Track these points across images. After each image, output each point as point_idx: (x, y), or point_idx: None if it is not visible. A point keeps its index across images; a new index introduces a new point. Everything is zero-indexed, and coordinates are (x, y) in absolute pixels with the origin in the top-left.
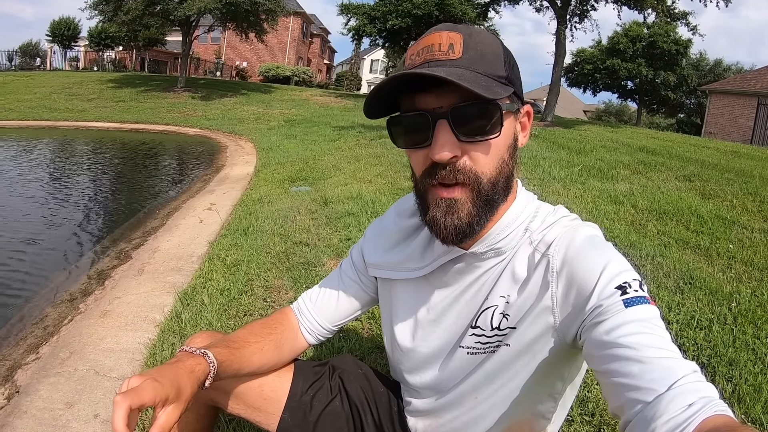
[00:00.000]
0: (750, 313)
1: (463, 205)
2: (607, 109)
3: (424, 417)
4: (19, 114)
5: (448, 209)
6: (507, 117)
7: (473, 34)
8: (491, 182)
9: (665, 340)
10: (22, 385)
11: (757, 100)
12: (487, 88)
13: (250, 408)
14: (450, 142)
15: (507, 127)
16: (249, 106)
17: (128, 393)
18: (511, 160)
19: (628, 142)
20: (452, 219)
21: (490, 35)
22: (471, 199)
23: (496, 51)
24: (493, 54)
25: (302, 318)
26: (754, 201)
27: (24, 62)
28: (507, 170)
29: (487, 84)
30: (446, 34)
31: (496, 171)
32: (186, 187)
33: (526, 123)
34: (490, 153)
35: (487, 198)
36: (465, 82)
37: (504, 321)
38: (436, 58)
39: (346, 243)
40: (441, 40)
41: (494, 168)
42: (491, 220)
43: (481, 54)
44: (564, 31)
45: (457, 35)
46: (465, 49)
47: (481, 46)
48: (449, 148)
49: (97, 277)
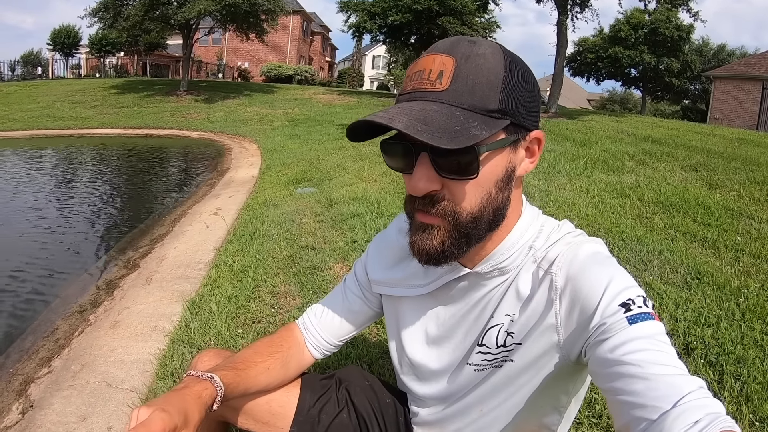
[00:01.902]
0: (758, 309)
1: (438, 232)
2: (611, 98)
3: (431, 427)
4: (23, 124)
5: (423, 233)
6: (494, 154)
7: (471, 57)
8: (471, 217)
9: (670, 357)
10: (36, 399)
11: (762, 84)
12: (459, 134)
13: (259, 423)
14: (427, 176)
15: (493, 164)
16: (252, 107)
17: (138, 428)
18: (503, 193)
19: (633, 131)
20: (424, 243)
21: (494, 57)
22: (447, 229)
23: (494, 78)
24: (488, 82)
25: (307, 334)
26: (762, 190)
27: (26, 72)
28: (495, 204)
29: (461, 127)
30: (440, 58)
31: (477, 207)
32: (192, 192)
33: (534, 150)
34: (470, 190)
35: (465, 232)
36: (424, 134)
37: (509, 338)
38: (422, 88)
39: (351, 246)
40: (433, 65)
41: (476, 204)
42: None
43: (472, 84)
44: (565, 21)
45: (450, 60)
46: (454, 78)
47: (474, 74)
48: (425, 183)
49: (106, 287)
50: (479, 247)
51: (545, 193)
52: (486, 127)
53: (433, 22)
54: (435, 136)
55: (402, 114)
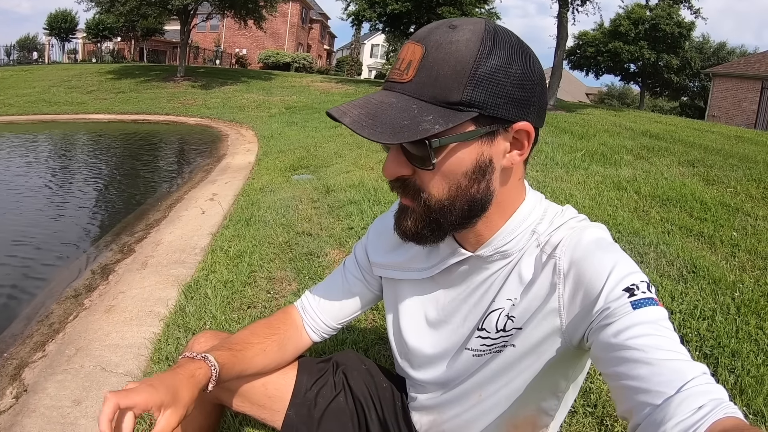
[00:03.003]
0: (753, 303)
1: (412, 214)
2: (609, 92)
3: (429, 412)
4: (19, 109)
5: (401, 214)
6: (461, 147)
7: (442, 46)
8: (440, 205)
9: (674, 342)
10: (30, 384)
11: (761, 83)
12: (401, 130)
13: (255, 406)
14: (397, 161)
15: (459, 156)
16: (249, 94)
17: (119, 392)
18: (477, 184)
19: (631, 126)
20: (401, 222)
21: (467, 42)
22: (419, 213)
23: (461, 69)
24: (453, 73)
25: (306, 316)
26: (758, 187)
27: (22, 56)
28: (468, 195)
29: (411, 122)
30: (412, 47)
31: (446, 196)
32: (188, 178)
33: (523, 141)
34: (436, 180)
35: (435, 218)
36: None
37: (509, 323)
38: (393, 78)
39: (348, 232)
40: (405, 55)
41: (443, 193)
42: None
43: (435, 76)
44: (566, 14)
45: (420, 50)
46: (419, 69)
47: (439, 64)
48: (394, 168)
49: (101, 271)
50: (472, 231)
51: (542, 184)
52: (442, 120)
53: (432, 11)
54: (377, 132)
55: (356, 107)
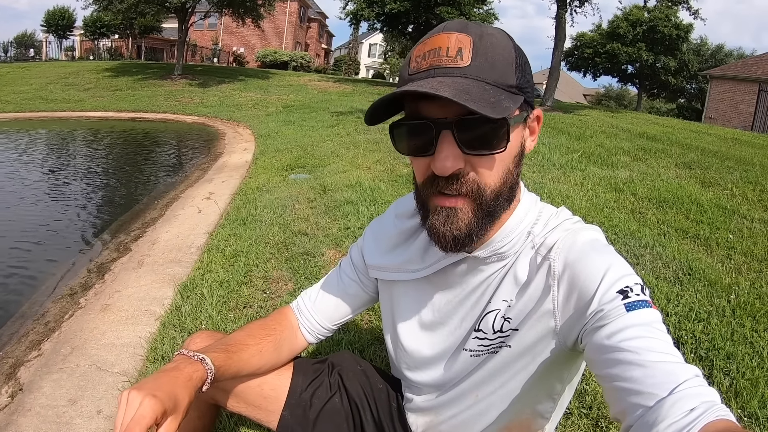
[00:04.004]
0: (749, 306)
1: (464, 215)
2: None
3: (425, 413)
4: (15, 106)
5: (447, 218)
6: (515, 129)
7: (484, 36)
8: (494, 193)
9: (667, 344)
10: (26, 383)
11: (759, 86)
12: (495, 105)
13: (251, 406)
14: (453, 154)
15: (515, 138)
16: (247, 93)
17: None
18: (517, 168)
19: (628, 127)
20: (451, 228)
21: (502, 37)
22: (472, 209)
23: (508, 57)
24: (504, 60)
25: (302, 317)
26: (755, 190)
27: (19, 53)
28: (512, 180)
29: (495, 99)
30: (455, 36)
31: (500, 182)
32: (184, 176)
33: (535, 127)
34: (495, 165)
35: (489, 209)
36: (471, 102)
37: (506, 324)
38: (442, 65)
39: (345, 232)
40: (449, 43)
41: (498, 179)
42: (493, 226)
43: (492, 61)
44: (564, 14)
45: (467, 38)
46: (474, 55)
47: (491, 52)
48: (452, 161)
49: (97, 270)
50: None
51: (539, 185)
52: (511, 101)
53: (431, 11)
54: (481, 105)
55: (441, 85)
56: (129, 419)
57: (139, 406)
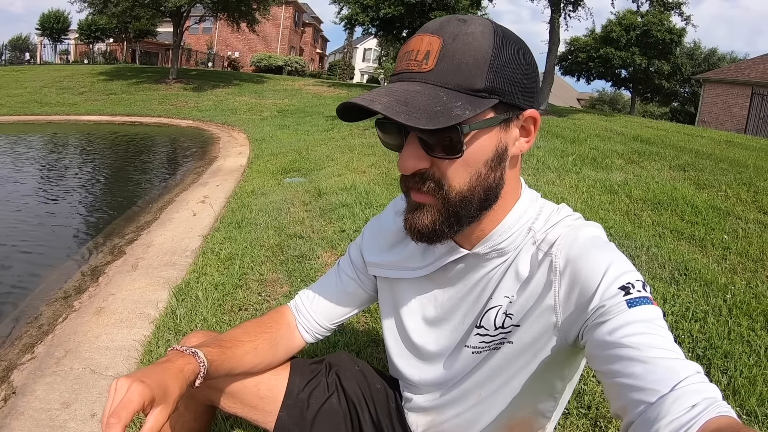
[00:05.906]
0: (745, 305)
1: (429, 211)
2: (600, 98)
3: (426, 413)
4: (10, 109)
5: (415, 211)
6: (483, 133)
7: (459, 36)
8: (460, 196)
9: (668, 341)
10: (19, 386)
11: (751, 89)
12: (439, 114)
13: (247, 407)
14: (416, 155)
15: (481, 143)
16: (241, 97)
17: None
18: (494, 172)
19: (622, 131)
20: (416, 221)
21: (483, 36)
22: (437, 208)
23: (480, 57)
24: (474, 61)
25: (299, 316)
26: (749, 191)
27: (14, 57)
28: (486, 183)
29: (443, 107)
30: (428, 38)
31: (467, 186)
32: (179, 180)
33: (530, 129)
34: (458, 169)
35: (455, 211)
36: (403, 115)
37: (507, 320)
38: (410, 69)
39: (340, 235)
40: (420, 46)
41: (464, 183)
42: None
43: (458, 64)
44: (558, 19)
45: (437, 40)
46: (440, 58)
47: (460, 54)
48: (413, 161)
49: (91, 273)
50: (476, 227)
51: (535, 188)
52: (470, 106)
53: (425, 16)
54: (413, 117)
55: (384, 95)
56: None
57: (127, 390)
